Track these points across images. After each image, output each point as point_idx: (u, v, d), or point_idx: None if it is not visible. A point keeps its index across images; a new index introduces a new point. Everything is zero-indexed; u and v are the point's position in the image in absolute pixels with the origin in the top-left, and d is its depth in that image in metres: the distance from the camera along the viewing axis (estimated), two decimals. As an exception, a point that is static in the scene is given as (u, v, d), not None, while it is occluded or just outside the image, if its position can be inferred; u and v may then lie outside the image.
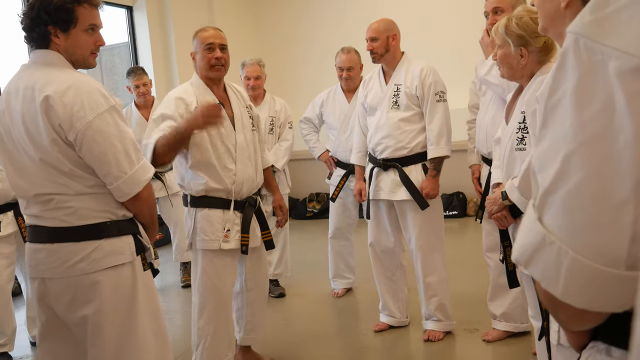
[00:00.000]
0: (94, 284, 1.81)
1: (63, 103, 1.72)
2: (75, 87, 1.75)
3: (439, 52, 6.16)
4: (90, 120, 1.73)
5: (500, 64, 2.18)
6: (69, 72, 1.81)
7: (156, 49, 6.32)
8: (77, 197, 1.79)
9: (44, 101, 1.72)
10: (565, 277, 0.67)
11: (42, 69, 1.81)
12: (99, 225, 1.81)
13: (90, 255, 1.80)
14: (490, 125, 2.97)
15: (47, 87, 1.73)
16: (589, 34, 0.66)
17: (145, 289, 1.91)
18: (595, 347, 0.78)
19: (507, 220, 2.18)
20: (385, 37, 3.19)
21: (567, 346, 1.74)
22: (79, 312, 1.82)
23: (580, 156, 0.65)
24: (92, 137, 1.74)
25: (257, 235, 2.77)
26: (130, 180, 1.80)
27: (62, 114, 1.71)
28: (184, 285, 4.65)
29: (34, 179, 1.80)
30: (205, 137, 2.58)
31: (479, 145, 3.07)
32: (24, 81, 1.79)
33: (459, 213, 6.50)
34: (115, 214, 1.85)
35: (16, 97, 1.79)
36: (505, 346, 3.07)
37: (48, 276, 1.84)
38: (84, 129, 1.73)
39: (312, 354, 3.20)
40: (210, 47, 2.68)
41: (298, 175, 6.44)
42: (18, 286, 4.14)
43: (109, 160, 1.76)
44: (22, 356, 3.47)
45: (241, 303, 2.94)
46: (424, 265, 3.24)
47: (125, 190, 1.81)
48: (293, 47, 7.52)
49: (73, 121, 1.72)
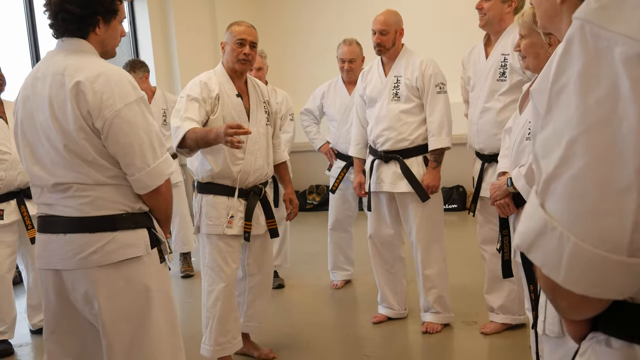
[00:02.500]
0: (107, 275, 1.79)
1: (93, 90, 1.71)
2: (106, 75, 1.75)
3: (438, 45, 6.14)
4: (119, 109, 1.73)
5: (525, 54, 2.13)
6: (99, 61, 1.82)
7: (157, 40, 6.30)
8: (96, 187, 1.77)
9: (75, 87, 1.71)
10: (567, 263, 0.67)
11: (73, 55, 1.80)
12: (114, 216, 1.79)
13: (105, 247, 1.77)
14: (480, 120, 2.97)
15: (78, 73, 1.73)
16: (595, 20, 0.66)
17: (160, 281, 1.90)
18: (594, 337, 0.77)
19: (510, 208, 2.17)
20: (394, 31, 3.19)
21: (552, 336, 1.74)
22: (94, 303, 1.81)
23: (584, 142, 0.65)
24: (119, 126, 1.73)
25: (261, 223, 2.86)
26: (153, 172, 1.80)
27: (92, 101, 1.71)
28: (184, 275, 4.66)
29: (54, 167, 1.78)
30: (220, 123, 2.66)
31: (471, 140, 3.08)
32: (53, 67, 1.78)
33: (459, 206, 6.51)
34: (131, 207, 1.83)
35: (44, 82, 1.78)
36: (503, 339, 3.09)
37: (61, 267, 1.82)
38: (112, 117, 1.72)
39: (310, 345, 3.22)
40: (242, 43, 2.76)
41: (298, 167, 6.44)
42: (18, 274, 4.15)
43: (134, 150, 1.76)
44: (22, 344, 3.48)
45: (243, 288, 2.99)
46: (423, 258, 3.25)
47: (147, 182, 1.80)
48: (294, 38, 7.50)
49: (102, 108, 1.72)
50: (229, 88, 2.77)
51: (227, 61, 2.81)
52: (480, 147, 3.00)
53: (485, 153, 2.97)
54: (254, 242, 2.89)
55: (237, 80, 2.82)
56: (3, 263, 3.29)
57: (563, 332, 1.70)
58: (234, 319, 2.82)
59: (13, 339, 3.41)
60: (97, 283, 1.79)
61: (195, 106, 2.63)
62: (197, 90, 2.68)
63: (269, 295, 3.09)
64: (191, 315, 3.69)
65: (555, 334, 1.73)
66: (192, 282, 4.48)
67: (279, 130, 4.12)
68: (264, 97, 2.91)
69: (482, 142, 2.98)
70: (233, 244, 2.77)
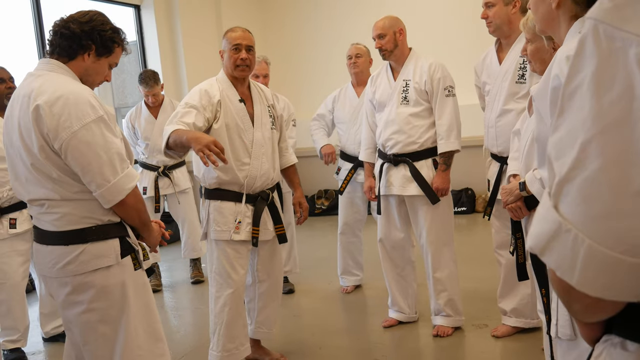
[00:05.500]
0: (83, 284, 1.91)
1: (52, 113, 1.82)
2: (65, 97, 1.84)
3: (446, 49, 6.14)
4: (76, 130, 1.82)
5: (531, 59, 2.13)
6: (64, 82, 1.89)
7: (164, 48, 6.33)
8: (64, 203, 1.88)
9: (35, 110, 1.82)
10: (582, 266, 0.66)
11: (41, 77, 1.90)
12: (84, 230, 1.90)
13: (78, 257, 1.90)
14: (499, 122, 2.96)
15: (39, 97, 1.84)
16: (609, 20, 0.66)
17: (136, 288, 1.99)
18: (609, 340, 0.76)
19: (522, 211, 2.16)
20: (392, 32, 3.20)
21: (564, 339, 1.74)
22: (71, 310, 1.94)
23: (598, 143, 0.65)
24: (76, 147, 1.83)
25: (269, 229, 2.86)
26: (113, 188, 1.88)
27: (49, 123, 1.81)
28: (194, 281, 4.67)
29: (28, 184, 1.91)
30: (223, 131, 2.70)
31: (488, 144, 3.07)
32: (24, 90, 1.91)
33: (468, 209, 6.48)
34: (100, 219, 1.93)
35: (16, 104, 1.91)
36: (515, 342, 3.07)
37: (47, 275, 1.97)
38: (69, 138, 1.82)
39: (321, 350, 3.21)
40: (237, 48, 2.77)
41: (306, 172, 6.45)
42: (31, 283, 4.17)
43: (92, 168, 1.85)
44: (35, 352, 3.50)
45: (253, 294, 2.99)
46: (433, 261, 3.24)
47: (108, 197, 1.89)
48: (299, 46, 7.52)
49: (59, 130, 1.82)
50: (232, 94, 2.78)
51: (226, 68, 2.82)
52: (499, 150, 2.98)
53: (504, 156, 2.94)
54: (263, 248, 2.89)
55: (239, 86, 2.82)
56: (16, 271, 3.31)
57: (575, 335, 1.69)
58: (241, 325, 2.81)
59: (26, 347, 3.43)
60: (73, 291, 1.92)
61: (192, 113, 2.63)
62: (197, 97, 2.69)
63: (278, 302, 3.08)
64: (202, 321, 3.69)
65: (568, 337, 1.72)
66: (202, 288, 4.48)
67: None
68: (269, 102, 2.92)
69: (501, 145, 2.96)
70: (241, 250, 2.77)
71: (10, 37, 5.20)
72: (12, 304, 3.32)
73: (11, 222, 3.29)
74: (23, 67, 4.18)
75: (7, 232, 3.26)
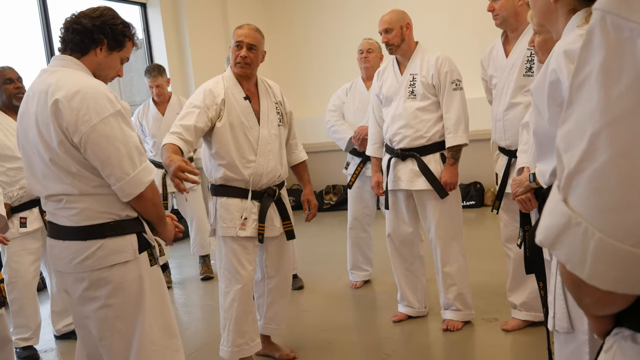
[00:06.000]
0: (100, 279, 1.91)
1: (70, 107, 1.82)
2: (83, 92, 1.84)
3: (453, 42, 6.11)
4: (95, 124, 1.83)
5: (539, 50, 2.10)
6: (81, 77, 1.91)
7: (170, 46, 6.35)
8: (83, 198, 1.89)
9: (54, 104, 1.83)
10: (592, 259, 0.66)
11: (57, 73, 1.91)
12: (102, 225, 1.91)
13: (96, 253, 1.90)
14: (507, 116, 2.94)
15: (57, 92, 1.84)
16: (616, 11, 0.65)
17: (152, 284, 1.99)
18: (619, 333, 0.76)
19: (532, 203, 2.15)
20: (398, 27, 3.18)
21: (561, 332, 1.73)
22: (88, 305, 1.94)
23: (607, 135, 0.64)
24: (95, 140, 1.83)
25: (276, 225, 2.86)
26: (132, 181, 1.88)
27: (69, 117, 1.82)
28: (203, 278, 4.70)
29: (45, 180, 1.91)
30: (226, 129, 2.71)
31: (496, 137, 3.05)
32: (40, 86, 1.91)
33: (477, 203, 6.46)
34: (118, 215, 1.93)
35: (32, 100, 1.92)
36: (525, 335, 3.06)
37: (63, 270, 1.97)
38: (89, 132, 1.82)
39: (331, 345, 3.22)
40: (239, 45, 2.77)
41: (314, 167, 6.44)
42: (42, 281, 4.21)
43: (112, 162, 1.85)
44: (47, 349, 3.53)
45: (262, 290, 3.01)
46: (442, 255, 3.23)
47: (127, 190, 1.89)
48: (305, 43, 7.51)
49: (78, 124, 1.82)
50: (237, 92, 2.78)
51: (231, 65, 2.83)
52: (507, 143, 2.97)
53: (513, 149, 2.92)
54: (271, 244, 2.90)
55: (245, 83, 2.82)
56: (27, 270, 3.34)
57: (572, 328, 1.70)
58: (251, 321, 2.82)
59: (38, 344, 3.47)
60: (90, 287, 1.92)
61: (194, 113, 2.65)
62: (200, 97, 2.71)
63: (287, 298, 3.09)
64: (211, 317, 3.71)
65: (565, 330, 1.72)
66: (212, 285, 4.50)
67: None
68: (277, 98, 2.91)
69: (509, 139, 2.94)
70: (247, 246, 2.78)
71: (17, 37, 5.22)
72: (24, 302, 3.35)
73: (22, 221, 3.32)
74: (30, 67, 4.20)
75: (17, 231, 3.29)
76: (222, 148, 2.72)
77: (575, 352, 1.71)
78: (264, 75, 3.04)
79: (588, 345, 1.67)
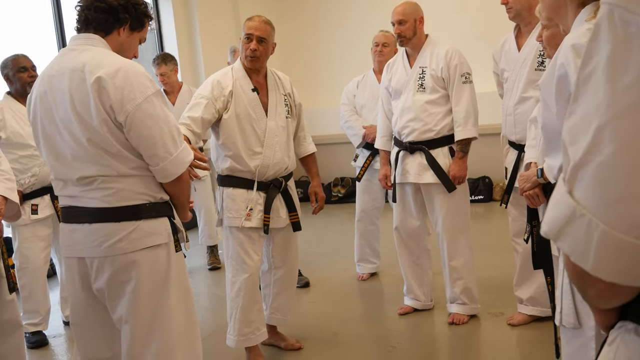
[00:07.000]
0: (132, 262, 1.85)
1: (114, 85, 1.77)
2: (125, 70, 1.80)
3: (464, 36, 6.07)
4: (140, 102, 1.79)
5: (547, 45, 2.09)
6: (114, 55, 1.87)
7: (181, 35, 6.36)
8: (120, 179, 1.84)
9: (96, 82, 1.76)
10: (596, 250, 0.66)
11: (87, 52, 1.85)
12: (138, 206, 1.86)
13: (130, 235, 1.84)
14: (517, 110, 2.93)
15: (98, 69, 1.78)
16: (624, 4, 0.65)
17: (178, 270, 1.96)
18: (623, 326, 0.76)
19: (539, 198, 2.15)
20: (412, 19, 3.17)
21: (568, 327, 1.74)
22: (117, 290, 1.88)
23: (612, 128, 0.64)
24: (140, 119, 1.79)
25: (282, 216, 2.87)
26: (175, 160, 1.86)
27: (114, 96, 1.77)
28: (211, 267, 4.73)
29: (76, 161, 1.84)
30: (233, 121, 2.73)
31: (506, 131, 3.04)
32: (70, 64, 1.83)
33: (485, 198, 6.44)
34: (154, 197, 1.90)
35: (61, 79, 1.83)
36: (530, 330, 3.06)
37: (86, 255, 1.88)
38: (134, 110, 1.78)
39: (336, 336, 3.24)
40: (249, 37, 2.76)
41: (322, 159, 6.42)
42: (51, 267, 4.26)
43: (156, 141, 1.82)
44: (56, 335, 3.58)
45: (268, 280, 3.03)
46: (449, 248, 3.23)
47: (170, 170, 1.86)
48: (316, 35, 7.48)
49: (124, 103, 1.77)
50: (245, 83, 2.78)
51: (241, 57, 2.84)
52: (517, 137, 2.96)
53: (523, 144, 2.90)
54: (277, 235, 2.92)
55: (254, 75, 2.82)
56: (38, 256, 3.38)
57: (580, 324, 1.70)
58: (257, 310, 2.84)
59: (47, 330, 3.51)
60: (122, 270, 1.85)
61: (201, 104, 2.67)
62: (208, 88, 2.72)
63: (293, 289, 3.11)
64: (219, 306, 3.74)
65: (572, 325, 1.72)
66: (219, 275, 4.53)
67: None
68: (286, 90, 2.91)
69: (519, 133, 2.93)
70: (253, 236, 2.80)
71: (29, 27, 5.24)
72: (34, 288, 3.39)
73: (33, 208, 3.36)
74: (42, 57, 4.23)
75: (29, 218, 3.33)
76: (228, 139, 2.74)
77: (582, 347, 1.72)
78: (273, 67, 3.04)
79: (595, 341, 1.68)
